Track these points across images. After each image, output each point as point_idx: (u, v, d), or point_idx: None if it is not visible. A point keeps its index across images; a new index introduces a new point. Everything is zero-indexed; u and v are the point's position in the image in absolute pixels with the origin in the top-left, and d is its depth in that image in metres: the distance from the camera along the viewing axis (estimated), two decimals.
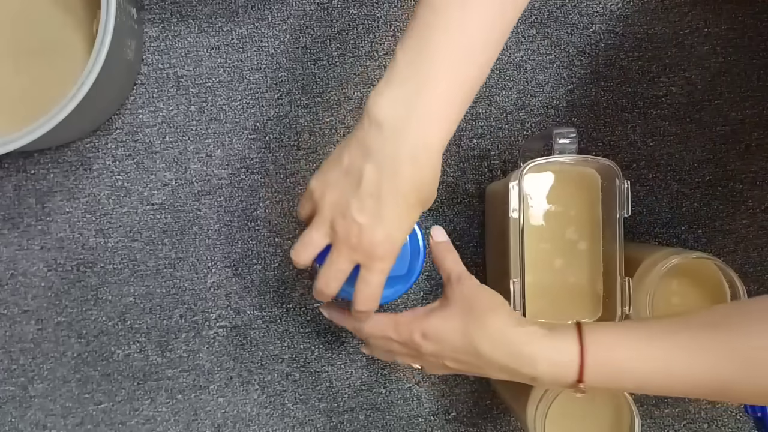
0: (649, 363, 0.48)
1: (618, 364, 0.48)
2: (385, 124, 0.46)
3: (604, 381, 0.49)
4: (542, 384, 0.51)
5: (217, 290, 0.73)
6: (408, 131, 0.46)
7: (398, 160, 0.47)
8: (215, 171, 0.73)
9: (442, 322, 0.53)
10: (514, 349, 0.50)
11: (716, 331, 0.47)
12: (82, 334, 0.72)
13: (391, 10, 0.73)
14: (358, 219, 0.48)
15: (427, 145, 0.47)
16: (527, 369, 0.50)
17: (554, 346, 0.49)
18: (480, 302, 0.53)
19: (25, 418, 0.72)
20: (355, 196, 0.48)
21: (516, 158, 0.74)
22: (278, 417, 0.73)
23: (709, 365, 0.46)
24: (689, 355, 0.47)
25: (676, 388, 0.48)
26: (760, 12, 0.75)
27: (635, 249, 0.65)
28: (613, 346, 0.49)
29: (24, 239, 0.72)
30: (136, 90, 0.72)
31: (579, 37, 0.74)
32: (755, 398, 0.49)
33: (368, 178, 0.47)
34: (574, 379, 0.49)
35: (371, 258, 0.49)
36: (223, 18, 0.73)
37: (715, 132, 0.75)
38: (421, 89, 0.46)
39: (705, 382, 0.47)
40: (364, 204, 0.48)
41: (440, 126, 0.47)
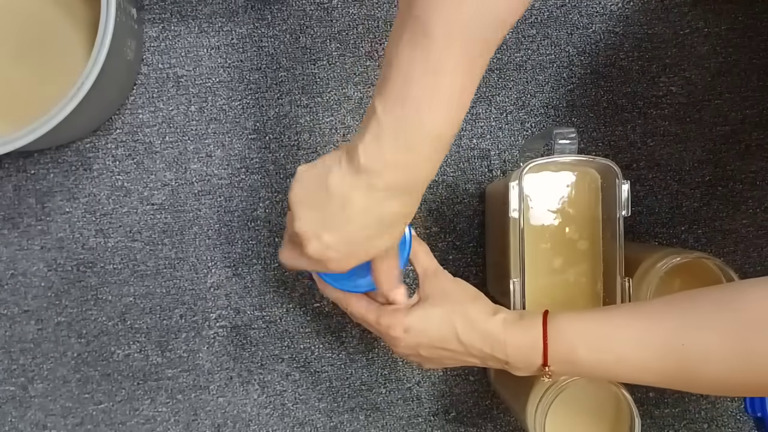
0: (603, 350, 0.50)
1: (576, 351, 0.51)
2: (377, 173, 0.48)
3: (566, 366, 0.52)
4: (515, 368, 0.54)
5: (217, 290, 0.73)
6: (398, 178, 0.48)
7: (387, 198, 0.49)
8: (215, 171, 0.73)
9: (425, 314, 0.55)
10: (490, 335, 0.53)
11: (664, 320, 0.49)
12: (82, 334, 0.72)
13: (391, 10, 0.73)
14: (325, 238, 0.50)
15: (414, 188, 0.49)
16: (500, 354, 0.53)
17: (522, 333, 0.53)
18: (459, 294, 0.56)
19: (25, 418, 0.72)
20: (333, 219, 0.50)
21: (516, 158, 0.74)
22: (278, 417, 0.73)
23: (657, 355, 0.48)
24: (639, 343, 0.49)
25: (629, 375, 0.51)
26: (760, 12, 0.75)
27: (635, 249, 0.65)
28: (572, 334, 0.52)
29: (24, 239, 0.72)
30: (136, 90, 0.72)
31: (579, 37, 0.74)
32: (696, 388, 0.51)
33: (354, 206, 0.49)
34: (540, 363, 0.52)
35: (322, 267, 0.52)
36: (223, 18, 0.73)
37: (715, 132, 0.75)
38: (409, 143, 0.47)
39: (654, 371, 0.49)
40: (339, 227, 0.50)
41: (427, 172, 0.49)
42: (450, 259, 0.74)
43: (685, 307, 0.49)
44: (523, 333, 0.53)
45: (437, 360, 0.57)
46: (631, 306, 0.54)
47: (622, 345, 0.50)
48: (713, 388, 0.50)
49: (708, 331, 0.47)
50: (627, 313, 0.52)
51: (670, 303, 0.50)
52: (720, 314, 0.47)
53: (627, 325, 0.50)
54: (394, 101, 0.47)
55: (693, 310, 0.48)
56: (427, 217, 0.74)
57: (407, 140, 0.47)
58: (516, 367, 0.54)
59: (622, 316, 0.51)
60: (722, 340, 0.46)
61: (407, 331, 0.55)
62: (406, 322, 0.55)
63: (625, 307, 0.55)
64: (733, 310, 0.47)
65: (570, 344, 0.51)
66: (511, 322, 0.54)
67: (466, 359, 0.55)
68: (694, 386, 0.50)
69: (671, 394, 0.75)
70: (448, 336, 0.54)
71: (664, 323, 0.49)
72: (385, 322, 0.56)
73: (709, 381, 0.48)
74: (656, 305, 0.51)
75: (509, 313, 0.55)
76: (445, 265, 0.73)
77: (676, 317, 0.49)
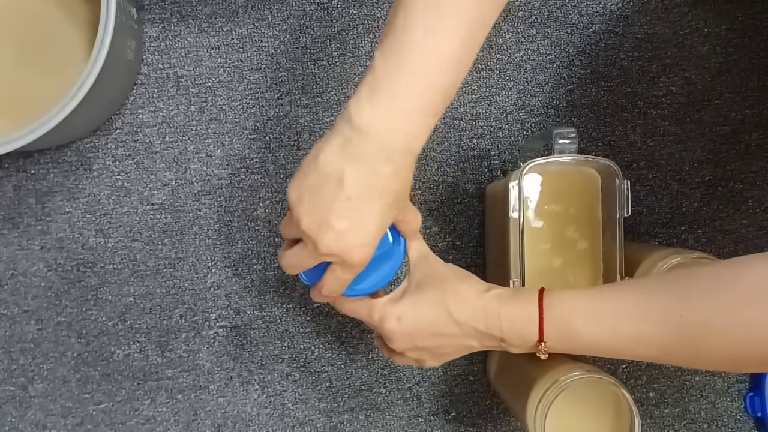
0: (600, 323, 0.49)
1: (572, 324, 0.50)
2: (367, 130, 0.47)
3: (562, 341, 0.51)
4: (511, 345, 0.53)
5: (217, 290, 0.73)
6: (389, 136, 0.47)
7: (379, 161, 0.48)
8: (215, 171, 0.73)
9: (416, 299, 0.55)
10: (484, 311, 0.53)
11: (662, 292, 0.48)
12: (82, 334, 0.72)
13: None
14: (336, 225, 0.49)
15: (407, 149, 0.48)
16: (496, 330, 0.52)
17: (517, 307, 0.52)
18: (451, 275, 0.56)
19: (25, 418, 0.72)
20: (333, 201, 0.48)
21: (516, 158, 0.74)
22: (278, 417, 0.73)
23: (655, 327, 0.47)
24: (637, 315, 0.48)
25: (627, 349, 0.50)
26: (760, 12, 0.75)
27: (635, 249, 0.65)
28: (569, 307, 0.51)
29: (24, 239, 0.72)
30: (136, 90, 0.72)
31: (579, 37, 0.74)
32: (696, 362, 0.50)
33: (349, 179, 0.48)
34: (536, 339, 0.51)
35: (347, 262, 0.51)
36: (223, 18, 0.73)
37: (715, 132, 0.75)
38: (400, 96, 0.47)
39: (653, 344, 0.48)
40: (343, 208, 0.48)
41: (419, 131, 0.48)
42: (450, 259, 0.74)
43: (684, 281, 0.48)
44: (518, 307, 0.52)
45: (435, 350, 0.55)
46: (629, 282, 0.54)
47: (620, 317, 0.49)
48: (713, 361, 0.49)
49: (707, 302, 0.46)
50: (626, 287, 0.51)
51: (669, 278, 0.50)
52: (719, 286, 0.46)
53: (626, 298, 0.49)
54: (391, 52, 0.46)
55: (692, 283, 0.47)
56: (427, 217, 0.74)
57: (402, 90, 0.46)
58: (511, 344, 0.53)
59: (620, 289, 0.51)
60: (721, 311, 0.45)
61: (400, 319, 0.54)
62: (398, 310, 0.54)
63: (624, 282, 0.54)
64: (732, 281, 0.45)
65: (566, 317, 0.50)
66: (506, 297, 0.53)
67: (462, 342, 0.54)
68: (693, 360, 0.49)
69: (671, 394, 0.75)
70: (442, 318, 0.54)
71: (663, 295, 0.48)
72: (378, 314, 0.55)
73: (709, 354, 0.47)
74: (655, 280, 0.50)
75: (504, 289, 0.54)
76: None
77: (675, 289, 0.48)
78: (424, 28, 0.46)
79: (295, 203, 0.50)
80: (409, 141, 0.48)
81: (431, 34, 0.46)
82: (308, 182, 0.50)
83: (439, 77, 0.47)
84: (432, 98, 0.47)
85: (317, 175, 0.49)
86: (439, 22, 0.46)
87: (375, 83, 0.47)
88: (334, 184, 0.48)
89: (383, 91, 0.47)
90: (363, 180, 0.48)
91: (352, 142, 0.47)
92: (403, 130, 0.47)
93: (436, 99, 0.48)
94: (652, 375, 0.74)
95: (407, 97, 0.47)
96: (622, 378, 0.74)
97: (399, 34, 0.47)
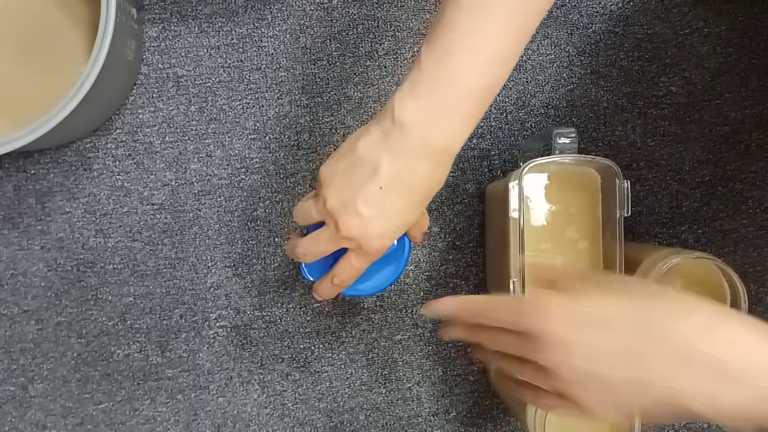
0: None
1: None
2: (409, 126, 0.47)
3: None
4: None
5: (217, 290, 0.73)
6: (430, 134, 0.47)
7: (417, 158, 0.47)
8: (215, 171, 0.73)
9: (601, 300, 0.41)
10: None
11: None
12: (82, 334, 0.72)
13: (391, 10, 0.73)
14: (362, 210, 0.49)
15: (446, 148, 0.48)
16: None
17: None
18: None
19: (25, 418, 0.72)
20: (363, 187, 0.48)
21: (516, 158, 0.74)
22: (278, 417, 0.73)
23: None
24: None
25: None
26: (760, 12, 0.75)
27: (635, 249, 0.65)
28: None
29: (24, 239, 0.72)
30: (136, 90, 0.72)
31: (579, 37, 0.74)
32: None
33: (384, 170, 0.48)
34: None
35: (363, 249, 0.51)
36: (223, 18, 0.73)
37: (715, 132, 0.75)
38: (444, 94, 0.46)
39: None
40: (372, 195, 0.48)
41: (461, 130, 0.48)
42: (450, 259, 0.74)
43: None
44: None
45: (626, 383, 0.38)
46: None
47: None
48: None
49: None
50: None
51: None
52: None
53: None
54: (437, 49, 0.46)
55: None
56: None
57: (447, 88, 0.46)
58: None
59: None
60: None
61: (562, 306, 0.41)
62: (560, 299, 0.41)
63: None
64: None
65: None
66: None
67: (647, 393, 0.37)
68: None
69: None
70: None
71: None
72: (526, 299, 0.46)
73: None
74: None
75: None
76: (445, 265, 0.74)
77: None
78: (471, 27, 0.46)
79: (326, 181, 0.50)
80: (448, 140, 0.48)
81: (478, 33, 0.46)
82: (343, 164, 0.50)
83: (485, 76, 0.47)
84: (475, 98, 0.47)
85: (353, 160, 0.49)
86: (487, 20, 0.46)
87: (419, 79, 0.47)
88: (368, 171, 0.48)
89: (427, 87, 0.46)
90: (397, 173, 0.48)
91: (393, 135, 0.47)
92: (444, 129, 0.47)
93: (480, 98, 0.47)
94: None
95: (451, 95, 0.46)
96: None
97: (445, 32, 0.46)
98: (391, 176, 0.48)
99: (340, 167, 0.50)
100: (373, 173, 0.48)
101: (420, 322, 0.74)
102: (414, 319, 0.74)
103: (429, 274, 0.74)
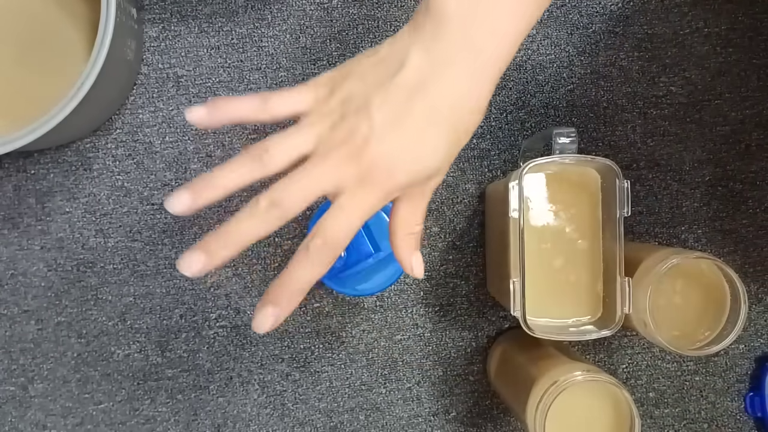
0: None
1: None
2: (448, 17, 0.37)
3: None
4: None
5: (217, 290, 0.73)
6: (474, 29, 0.37)
7: (455, 57, 0.37)
8: None
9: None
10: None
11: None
12: (82, 334, 0.72)
13: (391, 10, 0.73)
14: (375, 115, 0.36)
15: (492, 53, 0.38)
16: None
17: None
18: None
19: (25, 418, 0.72)
20: (382, 86, 0.37)
21: (516, 158, 0.74)
22: (278, 417, 0.73)
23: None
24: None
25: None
26: (760, 12, 0.75)
27: (635, 249, 0.65)
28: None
29: (24, 239, 0.72)
30: (136, 90, 0.72)
31: (579, 37, 0.74)
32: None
33: (412, 65, 0.37)
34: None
35: (366, 177, 0.37)
36: (223, 18, 0.73)
37: (715, 132, 0.75)
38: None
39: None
40: (391, 96, 0.37)
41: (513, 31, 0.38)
42: (450, 259, 0.74)
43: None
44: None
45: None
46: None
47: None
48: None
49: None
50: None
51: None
52: None
53: None
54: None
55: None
56: (427, 217, 0.74)
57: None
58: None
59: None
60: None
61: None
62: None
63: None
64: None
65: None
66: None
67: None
68: None
69: (671, 394, 0.75)
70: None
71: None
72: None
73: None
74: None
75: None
76: (445, 265, 0.74)
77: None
78: None
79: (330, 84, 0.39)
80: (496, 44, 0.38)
81: None
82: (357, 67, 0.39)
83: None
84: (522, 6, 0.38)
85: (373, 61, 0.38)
86: None
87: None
88: (391, 67, 0.37)
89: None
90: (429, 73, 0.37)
91: (425, 28, 0.37)
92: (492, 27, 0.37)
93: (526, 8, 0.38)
94: (652, 375, 0.74)
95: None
96: (622, 378, 0.74)
97: None
98: (419, 76, 0.36)
99: (352, 69, 0.38)
100: (396, 69, 0.37)
101: (420, 322, 0.74)
102: (414, 319, 0.74)
103: (429, 274, 0.74)
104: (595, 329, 0.62)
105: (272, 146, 0.39)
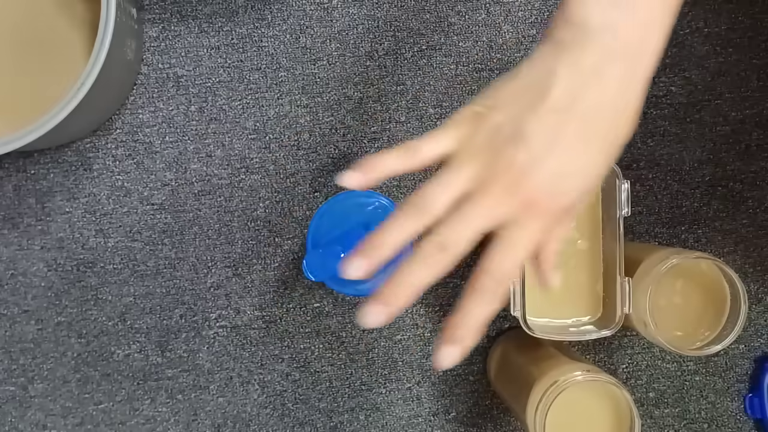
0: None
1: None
2: (590, 18, 0.36)
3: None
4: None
5: (217, 290, 0.73)
6: (618, 19, 0.36)
7: (605, 56, 0.36)
8: (215, 171, 0.73)
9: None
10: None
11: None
12: (82, 334, 0.72)
13: (391, 10, 0.73)
14: (532, 142, 0.35)
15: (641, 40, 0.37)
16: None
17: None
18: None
19: (25, 418, 0.72)
20: (534, 112, 0.36)
21: None
22: (278, 417, 0.73)
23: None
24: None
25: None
26: (760, 12, 0.75)
27: (635, 249, 0.65)
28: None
29: (24, 239, 0.72)
30: (136, 90, 0.72)
31: None
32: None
33: (561, 85, 0.36)
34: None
35: (531, 205, 0.37)
36: (223, 18, 0.73)
37: (715, 132, 0.75)
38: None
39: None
40: (545, 120, 0.36)
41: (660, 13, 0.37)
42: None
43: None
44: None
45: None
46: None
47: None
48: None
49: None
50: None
51: None
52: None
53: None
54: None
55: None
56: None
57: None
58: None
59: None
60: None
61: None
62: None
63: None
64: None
65: None
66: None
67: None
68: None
69: (671, 394, 0.75)
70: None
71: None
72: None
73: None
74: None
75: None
76: None
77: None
78: None
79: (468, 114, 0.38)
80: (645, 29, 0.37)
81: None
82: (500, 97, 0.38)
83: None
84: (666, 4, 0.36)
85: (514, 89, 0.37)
86: None
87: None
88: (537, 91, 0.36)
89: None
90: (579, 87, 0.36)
91: (567, 40, 0.36)
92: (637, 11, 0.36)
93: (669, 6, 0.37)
94: (652, 375, 0.74)
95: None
96: (622, 378, 0.74)
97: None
98: (571, 94, 0.35)
99: (496, 100, 0.37)
100: (545, 92, 0.36)
101: (420, 322, 0.74)
102: (414, 319, 0.74)
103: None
104: (595, 329, 0.62)
105: (430, 194, 0.39)
